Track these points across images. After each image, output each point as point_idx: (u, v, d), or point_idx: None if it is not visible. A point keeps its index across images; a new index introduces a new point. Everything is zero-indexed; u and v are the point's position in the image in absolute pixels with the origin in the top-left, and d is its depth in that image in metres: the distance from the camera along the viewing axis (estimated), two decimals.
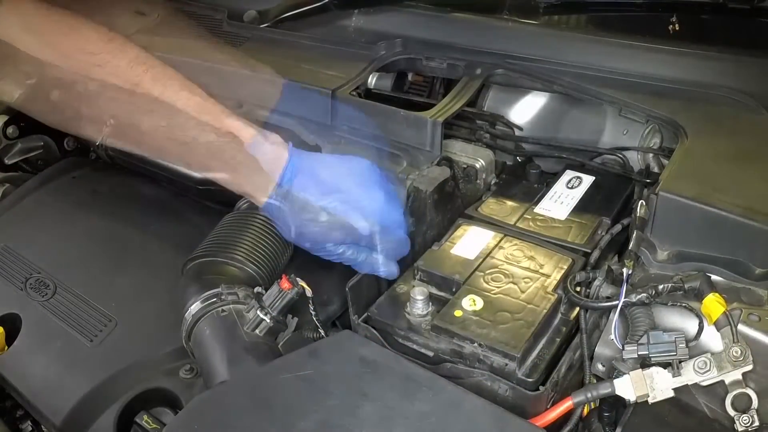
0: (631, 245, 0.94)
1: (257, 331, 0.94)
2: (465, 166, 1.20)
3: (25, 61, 0.95)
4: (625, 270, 0.90)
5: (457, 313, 0.92)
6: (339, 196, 0.97)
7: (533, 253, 1.03)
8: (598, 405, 0.89)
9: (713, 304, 0.83)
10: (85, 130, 1.02)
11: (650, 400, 0.82)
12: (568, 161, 1.25)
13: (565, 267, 0.99)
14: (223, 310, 0.96)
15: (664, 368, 0.82)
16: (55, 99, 0.97)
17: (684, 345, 0.82)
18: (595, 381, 0.88)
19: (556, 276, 0.98)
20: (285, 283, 0.96)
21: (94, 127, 0.99)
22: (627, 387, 0.82)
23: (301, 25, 1.49)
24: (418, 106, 1.20)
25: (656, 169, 1.20)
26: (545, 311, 0.92)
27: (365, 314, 0.97)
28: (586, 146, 1.27)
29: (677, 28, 1.30)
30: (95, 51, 0.94)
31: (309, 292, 0.98)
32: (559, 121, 1.33)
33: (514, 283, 0.97)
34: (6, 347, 1.12)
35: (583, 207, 1.14)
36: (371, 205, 0.97)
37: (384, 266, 1.00)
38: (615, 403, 0.87)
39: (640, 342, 0.83)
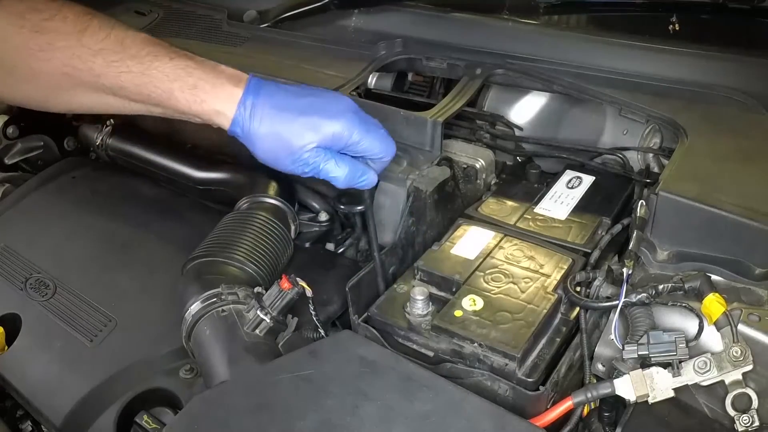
0: (631, 245, 0.94)
1: (257, 331, 0.94)
2: (465, 166, 1.20)
3: None
4: (625, 270, 0.91)
5: (457, 313, 0.92)
6: (313, 98, 0.96)
7: (533, 253, 1.03)
8: (598, 405, 0.89)
9: (713, 304, 0.83)
10: (39, 87, 1.00)
11: (650, 400, 0.82)
12: (568, 161, 1.25)
13: (565, 267, 0.99)
14: (223, 310, 0.96)
15: (664, 368, 0.82)
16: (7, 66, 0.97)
17: (684, 345, 0.82)
18: (595, 381, 0.88)
19: (556, 276, 0.98)
20: (285, 283, 0.96)
21: (48, 81, 0.97)
22: (627, 387, 0.82)
23: (301, 25, 1.49)
24: (418, 106, 1.20)
25: (656, 169, 1.20)
26: (545, 311, 0.92)
27: (365, 314, 0.97)
28: (586, 146, 1.27)
29: (677, 28, 1.30)
30: (44, 9, 0.94)
31: (309, 292, 0.98)
32: (559, 121, 1.33)
33: (514, 283, 0.97)
34: (6, 347, 1.12)
35: (583, 207, 1.14)
36: (346, 103, 0.96)
37: (365, 171, 0.98)
38: (615, 403, 0.87)
39: (640, 342, 0.83)
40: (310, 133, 0.94)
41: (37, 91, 0.99)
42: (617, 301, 0.88)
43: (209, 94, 0.95)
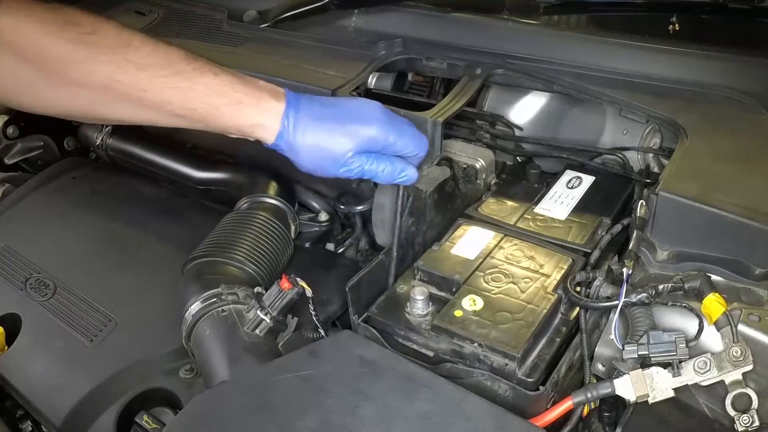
0: (631, 245, 0.94)
1: (257, 331, 0.94)
2: (465, 166, 1.20)
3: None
4: (625, 270, 0.90)
5: (457, 313, 0.92)
6: (347, 107, 1.01)
7: (533, 253, 1.03)
8: (598, 405, 0.89)
9: (713, 304, 0.83)
10: (79, 99, 1.01)
11: (650, 400, 0.82)
12: (568, 161, 1.25)
13: (565, 267, 0.99)
14: (223, 310, 0.96)
15: (664, 368, 0.82)
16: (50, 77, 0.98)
17: (684, 345, 0.81)
18: (595, 381, 0.88)
19: (556, 276, 0.98)
20: (285, 283, 0.96)
21: (89, 93, 0.98)
22: (627, 387, 0.82)
23: (301, 25, 1.49)
24: (418, 106, 1.20)
25: (656, 169, 1.20)
26: (545, 311, 0.92)
27: (365, 314, 0.97)
28: (586, 146, 1.27)
29: (677, 28, 1.30)
30: (82, 23, 0.96)
31: (309, 292, 0.98)
32: (559, 121, 1.33)
33: (514, 283, 0.97)
34: (6, 347, 1.12)
35: (583, 207, 1.14)
36: (377, 109, 1.01)
37: (405, 168, 1.02)
38: (615, 403, 0.87)
39: (640, 342, 0.83)
40: (350, 141, 0.98)
41: (75, 102, 1.00)
42: (617, 301, 0.88)
43: (254, 109, 0.98)
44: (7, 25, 0.93)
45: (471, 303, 0.94)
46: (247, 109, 0.98)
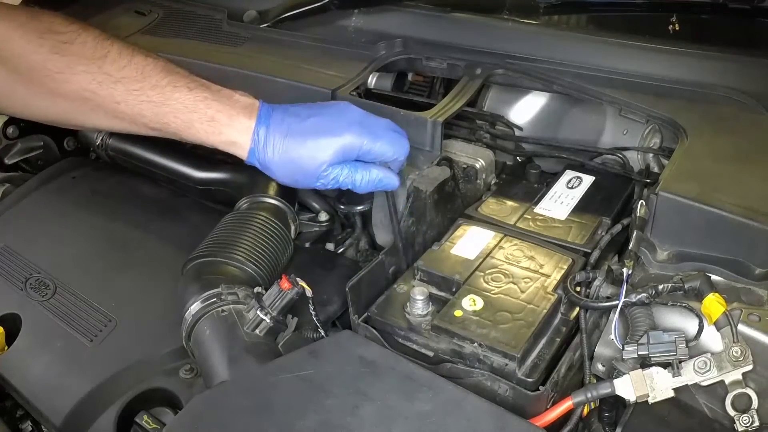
0: (631, 245, 0.94)
1: (257, 331, 0.94)
2: (465, 166, 1.20)
3: None
4: (625, 270, 0.90)
5: (457, 313, 0.92)
6: (318, 117, 0.99)
7: (533, 253, 1.03)
8: (598, 405, 0.89)
9: (713, 304, 0.83)
10: (57, 106, 1.01)
11: (650, 400, 0.82)
12: (568, 161, 1.25)
13: (565, 267, 0.99)
14: (223, 310, 0.96)
15: (664, 368, 0.82)
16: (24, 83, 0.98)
17: (684, 345, 0.82)
18: (595, 381, 0.88)
19: (556, 276, 0.98)
20: (285, 283, 0.96)
21: (66, 102, 0.99)
22: (627, 387, 0.82)
23: (301, 25, 1.49)
24: (418, 106, 1.20)
25: (656, 169, 1.20)
26: (545, 311, 0.92)
27: (365, 314, 0.97)
28: (586, 146, 1.27)
29: (677, 28, 1.30)
30: (63, 31, 0.96)
31: (309, 292, 0.98)
32: (559, 121, 1.33)
33: (514, 283, 0.97)
34: (6, 347, 1.12)
35: (583, 207, 1.14)
36: (350, 115, 1.00)
37: (384, 174, 1.01)
38: (615, 403, 0.87)
39: (640, 342, 0.83)
40: (321, 153, 0.97)
41: (54, 109, 1.01)
42: (617, 301, 0.88)
43: (226, 126, 0.98)
44: None
45: (471, 303, 0.94)
46: (220, 127, 0.98)
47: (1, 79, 0.97)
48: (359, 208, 1.25)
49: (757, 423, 0.80)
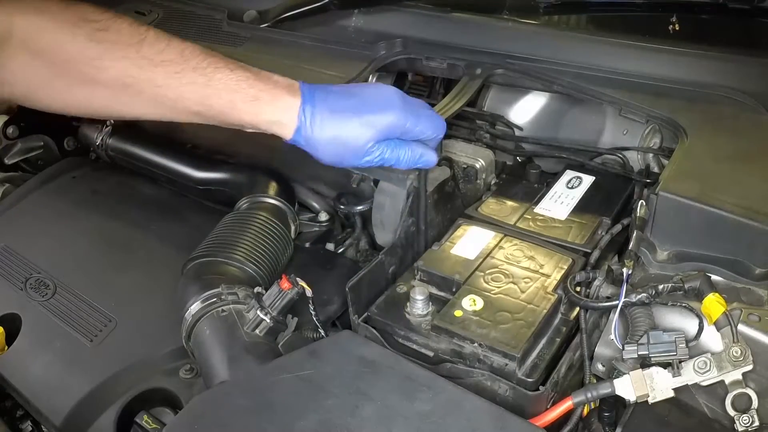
0: (631, 245, 0.94)
1: (257, 331, 0.94)
2: (465, 166, 1.20)
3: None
4: (625, 270, 0.91)
5: (457, 313, 0.92)
6: (362, 97, 1.00)
7: (533, 253, 1.03)
8: (598, 405, 0.89)
9: (713, 304, 0.83)
10: (96, 96, 1.01)
11: (650, 400, 0.82)
12: (568, 161, 1.25)
13: (565, 267, 0.99)
14: (223, 310, 0.96)
15: (664, 368, 0.82)
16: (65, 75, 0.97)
17: (684, 345, 0.82)
18: (595, 381, 0.88)
19: (556, 276, 0.98)
20: (285, 283, 0.96)
21: (105, 90, 0.98)
22: (627, 387, 0.82)
23: (301, 25, 1.49)
24: None
25: (656, 169, 1.20)
26: (545, 311, 0.92)
27: (365, 314, 0.97)
28: (586, 146, 1.27)
29: (677, 28, 1.30)
30: (96, 19, 0.96)
31: (309, 292, 0.98)
32: (559, 121, 1.33)
33: (514, 283, 0.97)
34: (6, 347, 1.12)
35: (583, 207, 1.14)
36: (392, 95, 1.00)
37: (423, 151, 1.01)
38: (615, 403, 0.87)
39: (640, 342, 0.83)
40: (368, 131, 0.97)
41: (91, 100, 1.00)
42: (617, 301, 0.88)
43: (269, 105, 0.97)
44: (21, 23, 0.93)
45: (471, 303, 0.94)
46: (264, 106, 0.97)
47: (38, 73, 0.96)
48: (359, 208, 1.25)
49: (757, 423, 0.80)
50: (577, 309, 0.94)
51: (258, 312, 0.94)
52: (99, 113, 1.09)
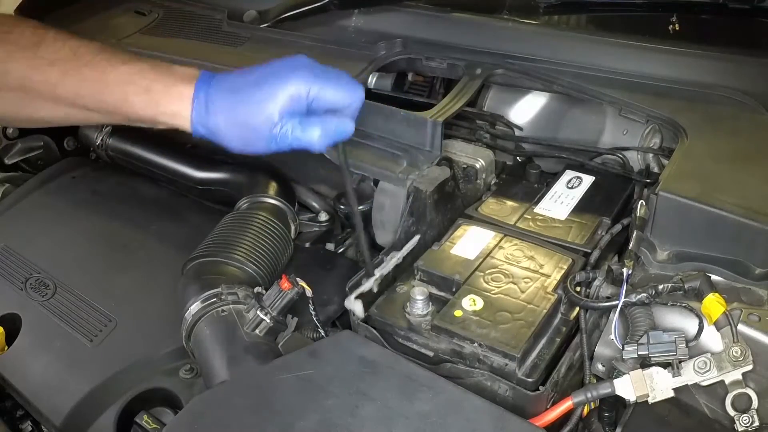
0: (631, 245, 0.94)
1: (257, 331, 0.94)
2: (465, 166, 1.20)
3: None
4: (625, 270, 0.91)
5: (457, 313, 0.92)
6: (264, 68, 0.92)
7: (533, 253, 1.03)
8: (598, 405, 0.89)
9: (713, 304, 0.83)
10: (4, 103, 1.00)
11: (650, 400, 0.82)
12: (568, 161, 1.25)
13: (565, 267, 0.99)
14: (223, 310, 0.96)
15: (664, 368, 0.82)
16: None
17: (684, 345, 0.82)
18: (595, 381, 0.88)
19: (556, 276, 0.98)
20: (285, 283, 0.96)
21: (8, 94, 0.97)
22: (627, 387, 0.82)
23: (301, 25, 1.49)
24: (418, 106, 1.20)
25: (656, 169, 1.20)
26: (545, 311, 0.92)
27: (365, 314, 0.97)
28: (586, 146, 1.27)
29: (677, 28, 1.30)
30: (1, 22, 0.95)
31: (309, 292, 0.98)
32: (559, 121, 1.33)
33: (514, 283, 0.97)
34: (6, 347, 1.12)
35: (583, 207, 1.14)
36: (298, 61, 0.92)
37: (338, 121, 0.92)
38: (615, 403, 0.87)
39: (640, 342, 0.83)
40: (268, 105, 0.89)
41: (2, 103, 0.99)
42: (617, 301, 0.88)
43: (163, 96, 0.92)
44: None
45: (471, 303, 0.94)
46: (157, 97, 0.92)
47: None
48: (359, 207, 1.24)
49: (757, 423, 0.80)
50: (577, 309, 0.94)
51: (258, 312, 0.94)
52: (8, 118, 1.08)
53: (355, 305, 0.96)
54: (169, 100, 0.92)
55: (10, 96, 0.97)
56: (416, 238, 1.05)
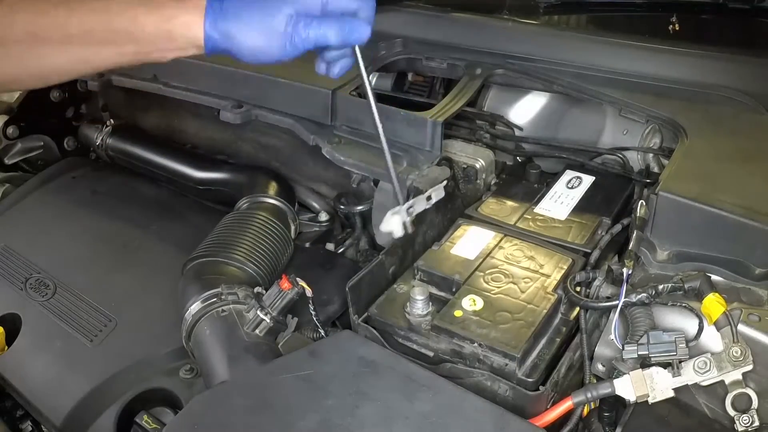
0: (631, 245, 0.94)
1: (257, 331, 0.94)
2: (465, 166, 1.20)
3: None
4: (625, 270, 0.91)
5: (457, 313, 0.92)
6: None
7: (533, 253, 1.03)
8: (598, 405, 0.89)
9: (713, 304, 0.83)
10: (9, 56, 0.99)
11: (650, 400, 0.82)
12: (568, 161, 1.25)
13: (565, 267, 0.99)
14: (223, 310, 0.96)
15: (664, 368, 0.82)
16: None
17: (684, 345, 0.82)
18: (595, 381, 0.88)
19: (556, 276, 0.98)
20: (285, 283, 0.96)
21: (15, 47, 0.97)
22: (627, 387, 0.82)
23: None
24: (418, 106, 1.20)
25: (656, 169, 1.20)
26: (545, 311, 0.92)
27: (365, 314, 0.97)
28: (586, 146, 1.27)
29: (677, 28, 1.30)
30: None
31: (309, 292, 0.98)
32: (559, 121, 1.33)
33: (514, 283, 0.97)
34: (6, 347, 1.12)
35: (583, 207, 1.14)
36: None
37: (353, 26, 0.91)
38: (615, 403, 0.87)
39: (640, 342, 0.83)
40: (285, 6, 0.89)
41: (9, 60, 0.98)
42: (617, 301, 0.88)
43: (176, 8, 0.91)
44: None
45: (471, 303, 0.94)
46: (169, 11, 0.91)
47: None
48: (359, 208, 1.25)
49: (757, 423, 0.80)
50: (577, 309, 0.94)
51: (258, 312, 0.94)
52: (15, 79, 1.06)
53: (391, 221, 0.91)
54: (182, 11, 0.91)
55: (17, 49, 0.96)
56: (441, 185, 0.99)
